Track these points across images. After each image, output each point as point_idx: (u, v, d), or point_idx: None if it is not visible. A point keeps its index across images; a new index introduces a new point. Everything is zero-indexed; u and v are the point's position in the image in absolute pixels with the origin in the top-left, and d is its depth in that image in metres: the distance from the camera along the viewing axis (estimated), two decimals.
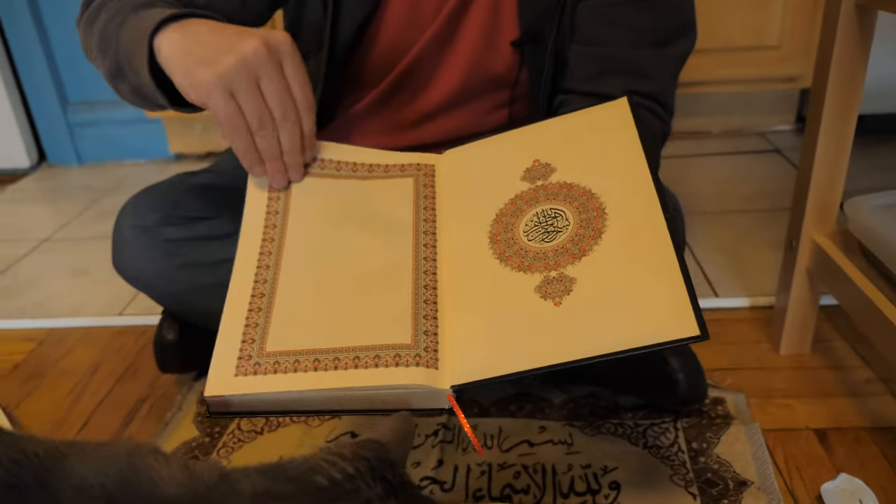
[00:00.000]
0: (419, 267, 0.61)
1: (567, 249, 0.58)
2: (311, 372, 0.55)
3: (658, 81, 0.82)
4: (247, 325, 0.59)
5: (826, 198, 0.91)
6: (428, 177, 0.69)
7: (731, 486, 0.78)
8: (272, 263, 0.63)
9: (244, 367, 0.55)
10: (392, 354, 0.55)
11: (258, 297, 0.61)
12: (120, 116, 1.99)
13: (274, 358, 0.56)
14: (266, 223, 0.67)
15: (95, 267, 1.40)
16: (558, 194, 0.62)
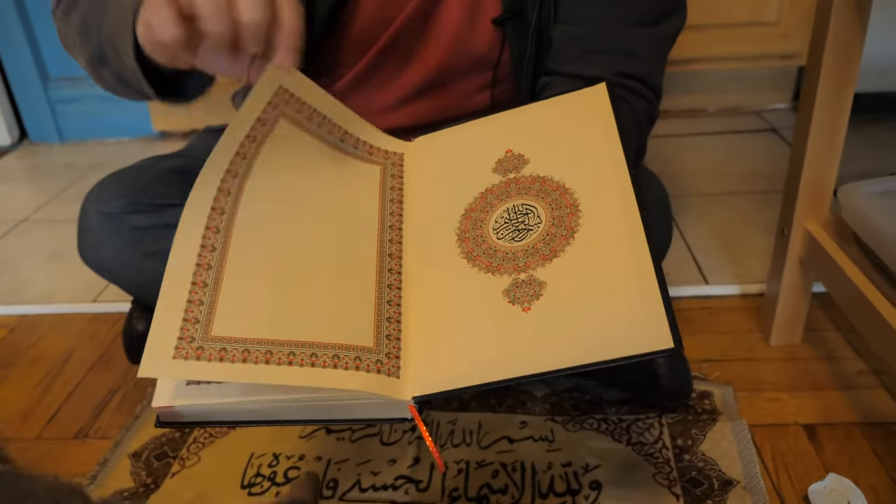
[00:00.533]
0: (383, 264, 0.57)
1: (538, 250, 0.54)
2: (262, 364, 0.49)
3: (646, 62, 0.78)
4: (189, 301, 0.52)
5: (819, 184, 0.87)
6: (396, 167, 0.65)
7: (716, 486, 0.76)
8: (222, 228, 0.56)
9: (184, 350, 0.49)
10: (352, 357, 0.51)
11: (204, 269, 0.54)
12: (103, 93, 1.89)
13: (220, 344, 0.50)
14: (221, 185, 0.60)
15: (72, 250, 1.36)
16: (531, 188, 0.58)
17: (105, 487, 0.80)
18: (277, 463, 0.82)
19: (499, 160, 0.62)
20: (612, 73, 0.77)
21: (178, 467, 0.82)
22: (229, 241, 0.56)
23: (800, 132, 0.86)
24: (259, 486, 0.79)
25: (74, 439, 0.89)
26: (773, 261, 0.96)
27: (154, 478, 0.81)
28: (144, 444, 0.86)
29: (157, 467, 0.83)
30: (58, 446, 0.88)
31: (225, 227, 0.57)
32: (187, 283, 0.53)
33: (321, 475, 0.80)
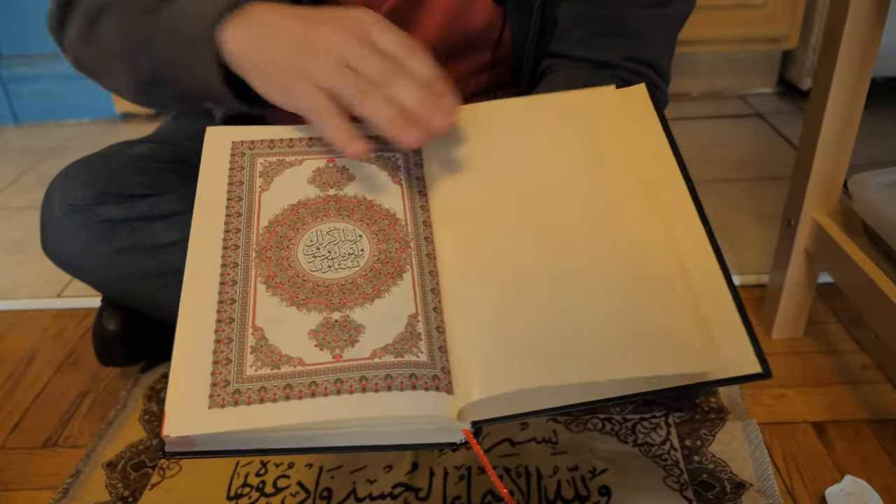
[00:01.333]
0: (422, 266, 0.52)
1: None
2: (307, 399, 0.44)
3: (656, 46, 0.74)
4: (217, 341, 0.46)
5: (830, 175, 0.84)
6: (419, 167, 0.60)
7: (728, 489, 0.73)
8: (240, 262, 0.51)
9: (220, 397, 0.43)
10: (406, 374, 0.45)
11: (228, 304, 0.48)
12: (60, 71, 1.83)
13: (259, 383, 0.44)
14: (230, 194, 0.54)
15: (32, 241, 1.27)
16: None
17: (79, 501, 0.74)
18: (266, 472, 0.76)
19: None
20: (621, 56, 0.73)
21: (158, 478, 0.77)
22: (249, 271, 0.50)
23: (811, 120, 0.82)
24: (247, 497, 0.74)
25: (42, 448, 0.83)
26: (777, 252, 0.93)
27: (132, 490, 0.75)
28: (119, 452, 0.80)
29: (135, 478, 0.77)
30: (24, 456, 0.82)
31: (243, 258, 0.51)
32: (211, 321, 0.47)
33: (314, 483, 0.75)
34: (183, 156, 0.85)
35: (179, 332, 0.47)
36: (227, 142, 0.58)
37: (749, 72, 1.77)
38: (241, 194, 0.54)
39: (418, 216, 0.55)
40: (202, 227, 0.52)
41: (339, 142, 0.52)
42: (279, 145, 0.58)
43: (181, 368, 0.45)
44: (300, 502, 0.73)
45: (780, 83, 1.79)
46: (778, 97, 1.77)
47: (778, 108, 1.70)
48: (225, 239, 0.51)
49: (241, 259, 0.51)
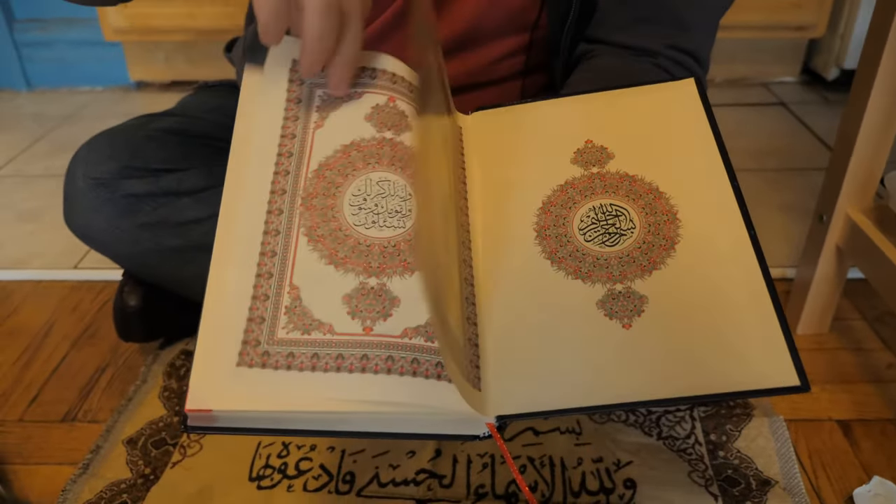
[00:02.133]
0: (460, 253, 0.50)
1: (634, 259, 0.48)
2: (332, 372, 0.42)
3: (698, 35, 0.72)
4: (255, 297, 0.44)
5: (867, 170, 0.82)
6: (456, 140, 0.58)
7: (754, 486, 0.72)
8: (285, 211, 0.48)
9: (249, 356, 0.42)
10: (433, 362, 0.44)
11: (269, 257, 0.46)
12: (75, 37, 1.81)
13: (288, 347, 0.43)
14: (284, 130, 0.51)
15: (47, 210, 1.27)
16: (619, 188, 0.52)
17: (100, 478, 0.74)
18: (288, 454, 0.76)
19: (578, 150, 0.55)
20: (663, 44, 0.71)
21: (179, 456, 0.76)
22: (293, 220, 0.48)
23: (852, 113, 0.80)
24: (269, 478, 0.73)
25: (62, 423, 0.82)
26: (807, 247, 0.92)
27: (153, 468, 0.75)
28: (140, 429, 0.80)
29: (156, 456, 0.76)
30: (42, 430, 0.81)
31: (288, 205, 0.48)
32: (251, 274, 0.45)
33: (336, 466, 0.74)
34: (208, 130, 0.84)
35: (213, 281, 0.45)
36: (288, 60, 0.54)
37: (772, 59, 1.74)
38: (294, 131, 0.51)
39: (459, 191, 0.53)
40: (251, 166, 0.49)
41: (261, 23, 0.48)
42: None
43: (212, 322, 0.43)
44: (322, 485, 0.72)
45: (804, 72, 1.76)
46: (801, 86, 1.74)
47: (801, 98, 1.68)
48: (273, 182, 0.49)
49: (287, 206, 0.48)
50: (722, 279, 0.47)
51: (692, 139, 0.54)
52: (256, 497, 0.71)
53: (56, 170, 1.43)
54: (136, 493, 0.72)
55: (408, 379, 0.43)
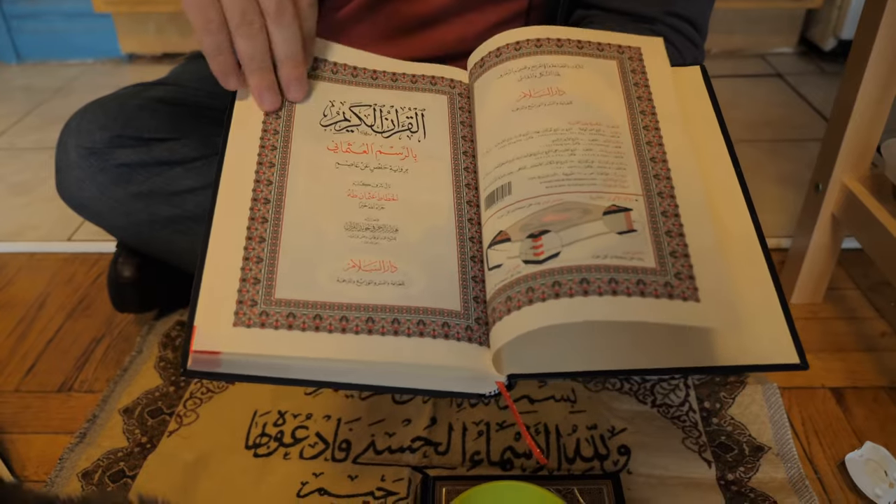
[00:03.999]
0: (462, 213, 0.50)
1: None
2: (337, 333, 0.43)
3: (697, 2, 0.71)
4: (246, 259, 0.45)
5: (864, 139, 0.82)
6: (463, 98, 0.58)
7: (747, 452, 0.73)
8: (275, 182, 0.49)
9: (246, 316, 0.43)
10: (440, 323, 0.44)
11: (259, 223, 0.47)
12: (65, 8, 1.78)
13: (287, 308, 0.43)
14: (263, 141, 0.52)
15: (40, 183, 1.26)
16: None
17: (97, 447, 0.74)
18: (284, 422, 0.76)
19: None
20: (661, 10, 0.70)
21: (176, 425, 0.76)
22: (284, 189, 0.49)
23: (849, 81, 0.80)
24: (265, 446, 0.74)
25: (58, 392, 0.82)
26: (802, 216, 0.92)
27: (149, 437, 0.75)
28: (136, 399, 0.80)
29: (152, 425, 0.77)
30: (39, 400, 0.81)
31: (277, 177, 0.49)
32: (241, 237, 0.46)
33: (332, 435, 0.75)
34: (201, 99, 0.83)
35: (211, 248, 0.46)
36: None
37: (769, 30, 1.73)
38: (279, 111, 0.53)
39: (460, 162, 0.53)
40: (239, 143, 0.51)
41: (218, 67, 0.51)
42: (321, 68, 0.56)
43: (210, 282, 0.44)
44: (319, 453, 0.73)
45: (801, 42, 1.75)
46: (798, 57, 1.73)
47: (798, 69, 1.67)
48: (260, 154, 0.50)
49: (276, 177, 0.49)
50: (727, 258, 0.47)
51: (698, 122, 0.54)
52: (253, 465, 0.72)
53: (47, 142, 1.41)
54: (133, 461, 0.72)
55: (415, 339, 0.43)
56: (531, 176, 0.47)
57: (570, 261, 0.43)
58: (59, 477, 0.70)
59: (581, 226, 0.44)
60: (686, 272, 0.43)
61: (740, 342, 0.44)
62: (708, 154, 0.53)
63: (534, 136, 0.50)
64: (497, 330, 0.43)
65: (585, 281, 0.42)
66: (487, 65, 0.57)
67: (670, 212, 0.46)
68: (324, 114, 0.54)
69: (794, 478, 0.70)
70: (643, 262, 0.43)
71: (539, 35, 0.56)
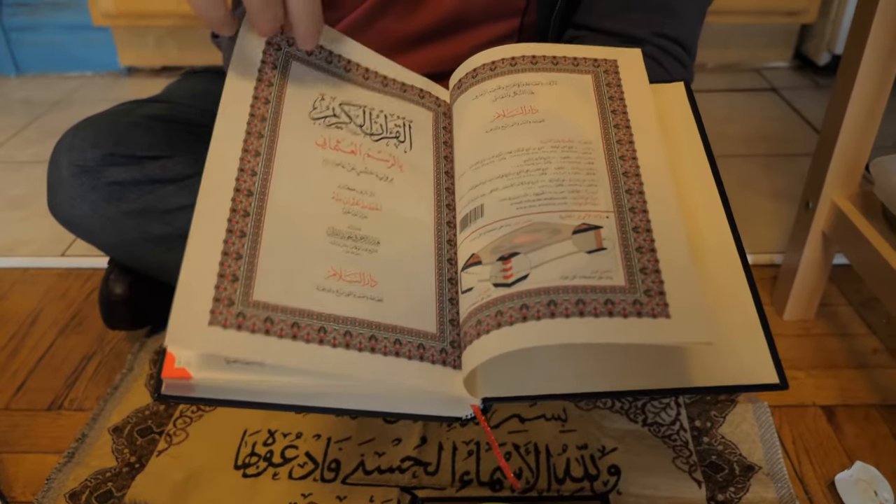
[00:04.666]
0: (441, 233, 0.50)
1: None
2: (314, 344, 0.41)
3: (686, 22, 0.72)
4: (225, 254, 0.43)
5: (853, 157, 0.82)
6: (446, 118, 0.58)
7: (738, 471, 0.73)
8: (259, 173, 0.47)
9: (222, 315, 0.40)
10: (415, 344, 0.44)
11: (240, 215, 0.45)
12: (64, 21, 1.79)
13: (265, 312, 0.42)
14: (249, 127, 0.50)
15: (35, 197, 1.27)
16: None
17: (85, 466, 0.74)
18: (273, 441, 0.76)
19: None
20: (651, 32, 0.71)
21: (165, 444, 0.76)
22: (269, 182, 0.47)
23: (837, 100, 0.80)
24: (255, 466, 0.74)
25: (47, 411, 0.82)
26: (793, 233, 0.92)
27: (138, 456, 0.75)
28: (126, 417, 0.80)
29: (142, 444, 0.77)
30: (28, 418, 0.81)
31: (262, 173, 0.48)
32: (221, 229, 0.44)
33: (322, 454, 0.74)
34: (194, 117, 0.84)
35: (191, 240, 0.44)
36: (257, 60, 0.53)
37: (764, 44, 1.73)
38: (268, 96, 0.51)
39: (442, 182, 0.53)
40: (225, 129, 0.48)
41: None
42: (317, 54, 0.55)
43: (186, 280, 0.42)
44: (308, 473, 0.73)
45: (796, 57, 1.76)
46: (793, 71, 1.74)
47: (793, 83, 1.67)
48: (245, 142, 0.48)
49: (261, 168, 0.47)
50: (707, 277, 0.47)
51: (680, 139, 0.54)
52: (242, 485, 0.72)
53: (45, 156, 1.39)
54: (121, 481, 0.72)
55: (391, 359, 0.43)
56: (503, 197, 0.47)
57: (539, 283, 0.42)
58: (46, 498, 0.70)
59: (550, 246, 0.44)
60: (656, 288, 0.42)
61: (719, 362, 0.43)
62: (690, 171, 0.53)
63: (506, 157, 0.50)
64: (468, 354, 0.43)
65: (553, 303, 0.41)
66: (464, 86, 0.57)
67: (642, 227, 0.46)
68: (314, 106, 0.53)
69: (784, 498, 0.70)
70: (612, 281, 0.42)
71: (514, 53, 0.56)
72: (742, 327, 0.45)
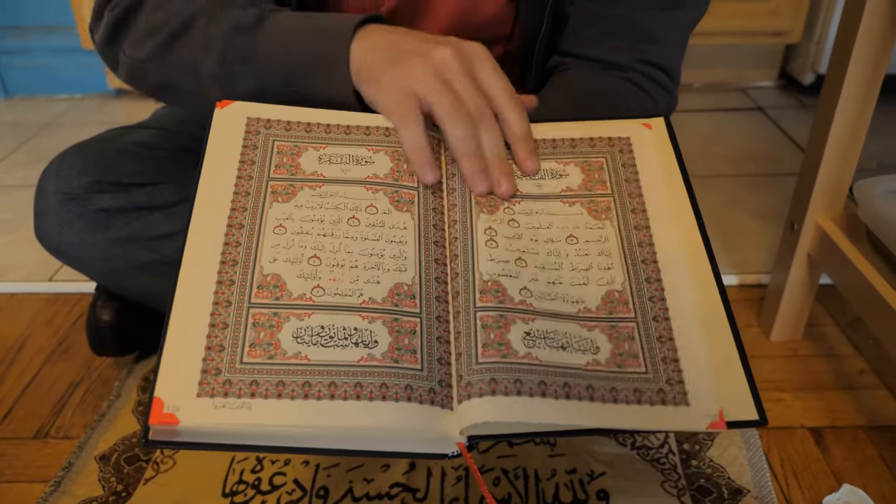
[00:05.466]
0: (429, 270, 0.51)
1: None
2: (299, 400, 0.43)
3: (669, 48, 0.73)
4: (212, 326, 0.45)
5: (836, 180, 0.83)
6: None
7: (726, 495, 0.73)
8: (244, 240, 0.50)
9: (210, 386, 0.42)
10: (402, 385, 0.44)
11: (226, 286, 0.47)
12: (53, 44, 1.79)
13: (251, 376, 0.43)
14: (240, 172, 0.53)
15: (23, 221, 1.26)
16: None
17: (71, 496, 0.73)
18: (262, 468, 0.76)
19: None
20: (634, 58, 0.71)
21: (152, 472, 0.76)
22: (251, 252, 0.49)
23: (820, 125, 0.81)
24: (242, 493, 0.73)
25: (34, 439, 0.82)
26: (778, 255, 0.93)
27: (125, 484, 0.75)
28: (113, 445, 0.79)
29: (129, 472, 0.76)
30: (14, 447, 0.81)
31: (246, 238, 0.50)
32: (208, 301, 0.46)
33: (310, 481, 0.74)
34: (182, 143, 0.84)
35: (175, 310, 0.45)
36: (243, 117, 0.56)
37: (750, 64, 1.76)
38: (251, 173, 0.53)
39: (430, 218, 0.53)
40: (207, 205, 0.51)
41: (414, 158, 0.53)
42: (295, 128, 0.57)
43: (173, 350, 0.44)
44: (296, 500, 0.72)
45: (782, 76, 1.78)
46: (779, 91, 1.76)
47: (779, 103, 1.69)
48: (230, 217, 0.51)
49: (245, 239, 0.50)
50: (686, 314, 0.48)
51: (659, 174, 0.55)
52: None
53: (33, 180, 1.39)
54: None
55: (377, 403, 0.43)
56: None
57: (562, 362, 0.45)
58: None
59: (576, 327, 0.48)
60: (676, 377, 0.45)
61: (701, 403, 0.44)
62: (669, 204, 0.54)
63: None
64: (475, 406, 0.43)
65: (591, 387, 0.44)
66: None
67: (661, 316, 0.48)
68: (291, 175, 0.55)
69: None
70: (637, 369, 0.46)
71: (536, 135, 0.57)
72: (723, 367, 0.46)
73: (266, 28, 0.61)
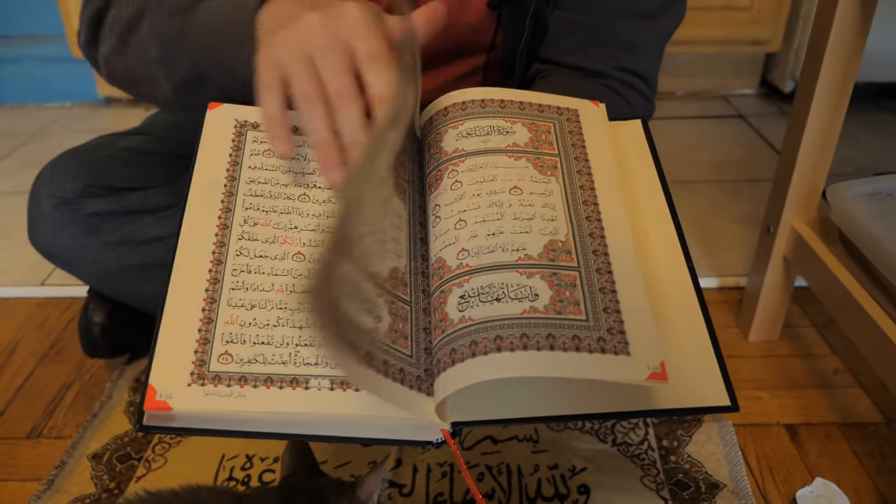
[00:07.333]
0: (416, 261, 0.52)
1: None
2: (287, 389, 0.45)
3: (646, 57, 0.75)
4: (202, 320, 0.47)
5: (810, 184, 0.86)
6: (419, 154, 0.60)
7: (703, 489, 0.75)
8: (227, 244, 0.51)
9: (201, 374, 0.44)
10: (398, 367, 0.46)
11: (213, 284, 0.49)
12: (42, 53, 1.80)
13: (240, 371, 0.45)
14: (229, 172, 0.55)
15: (14, 227, 1.27)
16: None
17: (64, 493, 0.74)
18: (251, 465, 0.77)
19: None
20: (613, 66, 0.74)
21: (144, 470, 0.77)
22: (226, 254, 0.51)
23: (794, 130, 0.84)
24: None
25: (27, 439, 0.83)
26: (756, 258, 0.95)
27: (118, 482, 0.76)
28: (105, 444, 0.81)
29: (121, 470, 0.77)
30: (8, 447, 0.82)
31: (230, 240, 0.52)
32: (199, 298, 0.48)
33: None
34: (172, 149, 0.86)
35: (169, 306, 0.47)
36: (231, 119, 0.58)
37: (731, 73, 1.79)
38: (235, 174, 0.55)
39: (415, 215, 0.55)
40: (199, 205, 0.52)
41: (267, 129, 0.52)
42: None
43: (167, 341, 0.46)
44: None
45: (762, 84, 1.81)
46: (760, 98, 1.79)
47: (759, 110, 1.73)
48: (220, 217, 0.52)
49: (228, 239, 0.51)
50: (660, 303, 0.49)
51: (637, 176, 0.57)
52: None
53: (23, 186, 1.41)
54: None
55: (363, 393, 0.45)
56: (472, 234, 0.50)
57: (511, 314, 0.45)
58: None
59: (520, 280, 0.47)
60: (617, 327, 0.45)
61: (673, 386, 0.46)
62: (646, 203, 0.56)
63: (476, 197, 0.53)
64: (442, 380, 0.45)
65: (525, 336, 0.44)
66: (436, 124, 0.60)
67: (604, 269, 0.48)
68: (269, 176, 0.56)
69: None
70: (578, 317, 0.45)
71: (484, 96, 0.59)
72: (695, 352, 0.48)
73: (197, 9, 0.61)
